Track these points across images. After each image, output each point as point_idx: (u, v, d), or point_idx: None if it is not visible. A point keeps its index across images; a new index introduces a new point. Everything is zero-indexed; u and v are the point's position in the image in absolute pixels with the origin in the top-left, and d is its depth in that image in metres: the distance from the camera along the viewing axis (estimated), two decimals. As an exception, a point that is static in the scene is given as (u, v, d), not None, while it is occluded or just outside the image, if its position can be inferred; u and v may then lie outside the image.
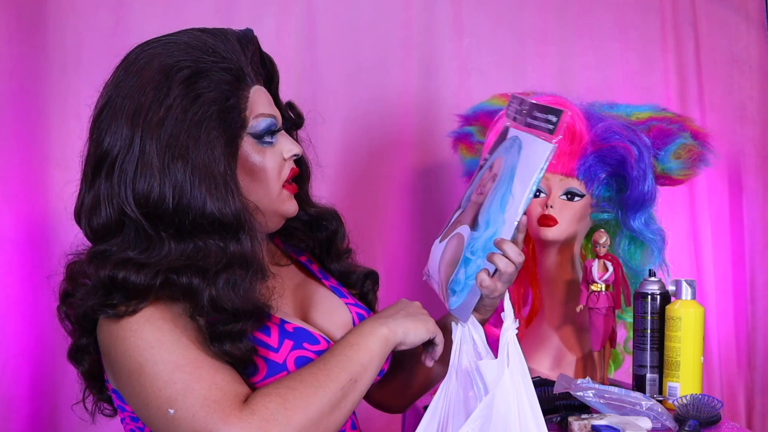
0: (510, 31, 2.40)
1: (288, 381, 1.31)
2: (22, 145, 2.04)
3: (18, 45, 2.04)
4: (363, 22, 2.31)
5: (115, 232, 1.34)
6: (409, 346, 1.41)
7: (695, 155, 1.97)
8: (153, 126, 1.32)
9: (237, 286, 1.32)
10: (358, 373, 1.35)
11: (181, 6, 2.16)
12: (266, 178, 1.41)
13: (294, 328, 1.40)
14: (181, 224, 1.32)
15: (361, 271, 1.61)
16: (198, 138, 1.33)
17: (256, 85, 1.43)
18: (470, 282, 1.41)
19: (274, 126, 1.42)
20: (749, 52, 2.52)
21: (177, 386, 1.27)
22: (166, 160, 1.31)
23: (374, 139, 2.31)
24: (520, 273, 2.08)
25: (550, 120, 1.39)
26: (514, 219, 1.38)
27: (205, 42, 1.39)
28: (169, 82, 1.34)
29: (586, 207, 1.96)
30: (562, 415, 1.68)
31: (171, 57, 1.36)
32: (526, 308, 2.17)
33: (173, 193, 1.31)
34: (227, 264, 1.32)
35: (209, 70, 1.36)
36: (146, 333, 1.29)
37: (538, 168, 1.37)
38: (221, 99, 1.36)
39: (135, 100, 1.33)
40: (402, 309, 1.44)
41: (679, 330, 1.76)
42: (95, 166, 1.35)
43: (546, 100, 1.92)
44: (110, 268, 1.30)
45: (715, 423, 1.71)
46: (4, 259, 2.00)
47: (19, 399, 2.02)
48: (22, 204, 2.04)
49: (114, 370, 1.35)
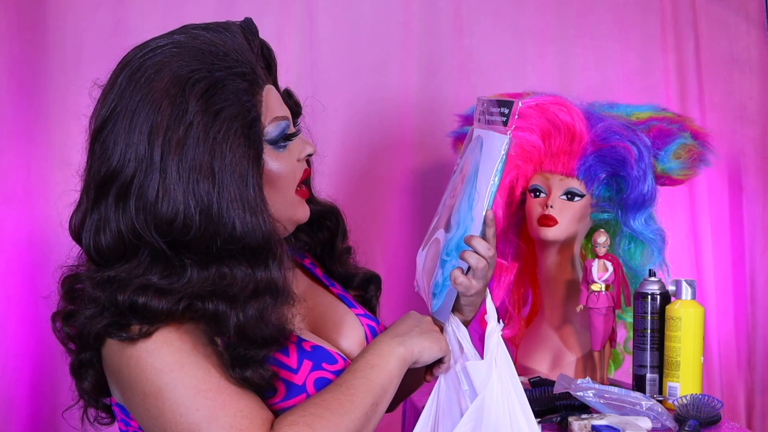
0: (510, 31, 2.40)
1: (312, 408, 1.27)
2: (22, 145, 2.04)
3: (18, 45, 2.03)
4: (363, 22, 2.30)
5: (128, 257, 1.26)
6: (422, 364, 1.37)
7: (695, 155, 1.97)
8: (173, 146, 1.23)
9: (266, 315, 1.25)
10: (380, 396, 1.31)
11: (181, 6, 2.16)
12: (283, 185, 1.34)
13: (312, 347, 1.35)
14: (207, 250, 1.24)
15: (362, 274, 1.57)
16: (224, 158, 1.24)
17: (266, 84, 1.35)
18: (447, 282, 1.41)
19: (287, 128, 1.35)
20: (749, 52, 2.52)
21: (200, 413, 1.22)
22: (191, 183, 1.23)
23: (374, 139, 2.31)
24: (520, 273, 2.10)
25: (503, 113, 1.38)
26: (481, 214, 1.38)
27: (214, 43, 1.31)
28: (185, 96, 1.24)
29: (586, 207, 1.96)
30: (562, 415, 1.68)
31: (183, 66, 1.27)
32: (526, 308, 2.17)
33: (200, 218, 1.23)
34: (255, 291, 1.25)
35: (225, 79, 1.27)
36: (164, 355, 1.23)
37: (496, 160, 1.37)
38: (243, 113, 1.27)
39: (149, 117, 1.24)
40: (416, 326, 1.39)
41: (679, 330, 1.76)
42: (101, 184, 1.26)
43: (544, 100, 1.93)
44: (130, 294, 1.23)
45: (715, 423, 1.71)
46: (4, 259, 2.00)
47: (19, 399, 2.01)
48: (23, 204, 2.04)
49: (124, 389, 1.28)
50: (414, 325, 1.39)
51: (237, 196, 1.24)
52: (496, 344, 1.37)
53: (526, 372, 2.01)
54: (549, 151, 1.94)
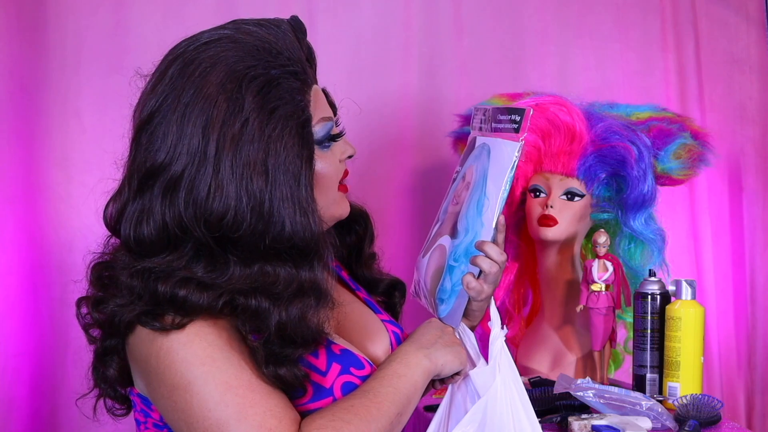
0: (510, 31, 2.40)
1: (341, 413, 1.26)
2: (22, 144, 2.04)
3: (18, 45, 2.04)
4: (363, 22, 2.31)
5: (171, 248, 1.24)
6: (443, 376, 1.38)
7: (695, 155, 1.97)
8: (228, 141, 1.22)
9: (307, 316, 1.25)
10: (404, 406, 1.31)
11: (181, 6, 2.16)
12: (327, 185, 1.34)
13: (341, 351, 1.35)
14: (255, 248, 1.24)
15: (387, 280, 1.57)
16: (278, 156, 1.23)
17: (314, 84, 1.34)
18: (457, 288, 1.42)
19: (331, 128, 1.35)
20: (749, 52, 2.52)
21: (230, 409, 1.21)
22: (244, 179, 1.22)
23: (374, 139, 2.31)
24: (520, 273, 2.10)
25: (514, 120, 1.39)
26: (492, 220, 1.38)
27: (267, 40, 1.30)
28: (242, 92, 1.23)
29: (586, 207, 1.96)
30: (562, 415, 1.68)
31: (239, 61, 1.26)
32: (526, 308, 2.17)
33: (251, 215, 1.22)
34: (299, 291, 1.25)
35: (280, 78, 1.27)
36: (196, 348, 1.22)
37: (508, 167, 1.38)
38: (297, 113, 1.27)
39: (204, 111, 1.23)
40: (440, 337, 1.39)
41: (679, 330, 1.76)
42: (146, 175, 1.24)
43: (544, 100, 1.93)
44: (172, 285, 1.22)
45: (715, 423, 1.71)
46: (4, 259, 2.00)
47: (19, 399, 2.01)
48: (23, 204, 2.04)
49: (151, 380, 1.26)
50: (438, 336, 1.39)
51: (289, 195, 1.24)
52: (500, 349, 1.38)
53: (526, 372, 2.01)
54: (549, 151, 1.94)
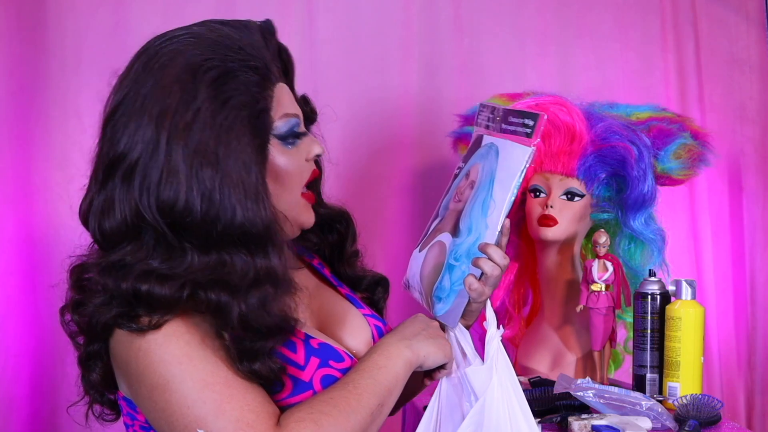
0: (510, 31, 2.40)
1: (320, 405, 1.28)
2: (22, 144, 2.04)
3: (18, 45, 2.03)
4: (363, 22, 2.30)
5: (131, 239, 1.27)
6: (427, 368, 1.39)
7: (695, 155, 1.97)
8: (180, 130, 1.25)
9: (268, 304, 1.26)
10: (385, 397, 1.32)
11: (181, 6, 2.16)
12: (290, 183, 1.36)
13: (319, 344, 1.36)
14: (208, 235, 1.25)
15: (371, 277, 1.58)
16: (228, 144, 1.25)
17: (279, 82, 1.37)
18: (456, 287, 1.42)
19: (297, 126, 1.36)
20: (749, 52, 2.52)
21: (207, 406, 1.22)
22: (194, 167, 1.24)
23: (374, 139, 2.31)
24: (520, 273, 2.10)
25: (527, 124, 1.39)
26: (497, 223, 1.39)
27: (230, 37, 1.33)
28: (196, 82, 1.27)
29: (586, 207, 1.96)
30: (562, 415, 1.68)
31: (197, 55, 1.29)
32: (526, 308, 2.17)
33: (201, 202, 1.24)
34: (256, 280, 1.26)
35: (237, 70, 1.30)
36: (173, 347, 1.24)
37: (518, 172, 1.38)
38: (251, 102, 1.29)
39: (160, 101, 1.26)
40: (423, 329, 1.40)
41: (679, 330, 1.76)
42: (109, 166, 1.28)
43: (544, 100, 1.93)
44: (132, 281, 1.23)
45: (715, 423, 1.71)
46: (4, 259, 2.00)
47: (19, 399, 2.01)
48: (23, 204, 2.04)
49: (132, 382, 1.29)
50: (421, 328, 1.40)
51: (239, 182, 1.26)
52: (497, 349, 1.38)
53: (526, 372, 2.01)
54: (549, 151, 1.94)
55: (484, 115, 1.50)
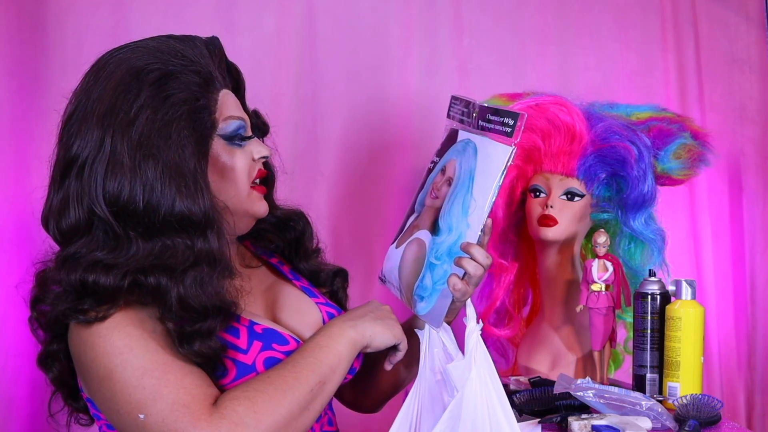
0: (510, 31, 2.40)
1: (256, 384, 1.33)
2: (22, 144, 2.04)
3: (18, 45, 2.03)
4: (363, 22, 2.30)
5: (84, 233, 1.35)
6: (374, 349, 1.44)
7: (695, 155, 1.97)
8: (124, 126, 1.34)
9: (204, 284, 1.33)
10: (327, 375, 1.37)
11: (181, 6, 2.16)
12: (236, 178, 1.43)
13: (263, 329, 1.41)
14: (151, 223, 1.33)
15: (330, 269, 1.64)
16: (168, 137, 1.35)
17: (224, 89, 1.45)
18: (439, 287, 1.42)
19: (243, 128, 1.45)
20: (749, 52, 2.52)
21: (146, 391, 1.28)
22: (136, 159, 1.33)
23: (374, 139, 2.31)
24: (520, 273, 2.10)
25: (507, 123, 1.39)
26: (480, 223, 1.39)
27: (174, 47, 1.41)
28: (139, 83, 1.36)
29: (586, 207, 1.96)
30: (562, 415, 1.67)
31: (140, 60, 1.38)
32: (526, 308, 2.17)
33: (143, 191, 1.32)
34: (194, 262, 1.33)
35: (179, 73, 1.38)
36: (115, 339, 1.31)
37: (499, 171, 1.38)
38: (191, 99, 1.38)
39: (105, 102, 1.35)
40: (371, 311, 1.46)
41: (679, 330, 1.76)
42: (64, 168, 1.37)
43: (544, 100, 1.93)
44: (81, 272, 1.31)
45: (715, 423, 1.71)
46: (4, 259, 2.00)
47: (19, 399, 2.01)
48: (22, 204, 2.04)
49: (85, 377, 1.36)
50: (369, 311, 1.46)
51: (178, 172, 1.34)
52: (476, 343, 1.40)
53: (526, 372, 2.01)
54: (549, 151, 1.94)
55: (457, 108, 1.49)
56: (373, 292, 2.18)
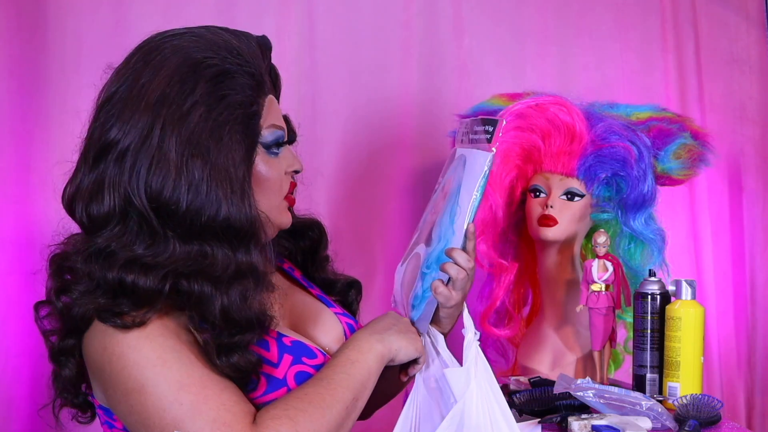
0: (510, 31, 2.40)
1: (295, 402, 1.29)
2: (22, 145, 2.04)
3: (18, 45, 2.03)
4: (363, 22, 2.30)
5: (116, 224, 1.28)
6: (399, 362, 1.41)
7: (695, 155, 1.97)
8: (175, 119, 1.27)
9: (248, 297, 1.28)
10: (359, 391, 1.34)
11: (181, 6, 2.16)
12: (270, 189, 1.38)
13: (292, 342, 1.38)
14: (191, 225, 1.27)
15: (344, 280, 1.61)
16: (220, 139, 1.28)
17: (270, 94, 1.40)
18: (427, 294, 1.43)
19: (282, 138, 1.40)
20: (749, 52, 2.52)
21: (183, 408, 1.23)
22: (185, 157, 1.27)
23: (374, 139, 2.31)
24: (520, 273, 2.10)
25: (488, 130, 1.42)
26: (462, 228, 1.41)
27: (230, 43, 1.35)
28: (196, 76, 1.29)
29: (586, 207, 1.96)
30: (562, 415, 1.68)
31: (198, 52, 1.31)
32: (526, 308, 2.17)
33: (188, 192, 1.26)
34: (237, 273, 1.28)
35: (235, 72, 1.32)
36: (146, 350, 1.24)
37: (479, 176, 1.40)
38: (246, 104, 1.33)
39: (157, 90, 1.28)
40: (394, 324, 1.42)
41: (679, 330, 1.76)
42: (100, 150, 1.29)
43: (544, 100, 1.93)
44: (118, 270, 1.25)
45: (715, 423, 1.71)
46: (4, 259, 2.00)
47: (19, 399, 2.01)
48: (22, 204, 2.04)
49: (107, 387, 1.29)
50: (392, 323, 1.42)
51: (226, 177, 1.28)
52: (475, 354, 1.40)
53: (526, 372, 2.01)
54: (549, 151, 1.94)
55: (461, 131, 1.54)
56: (373, 293, 2.18)
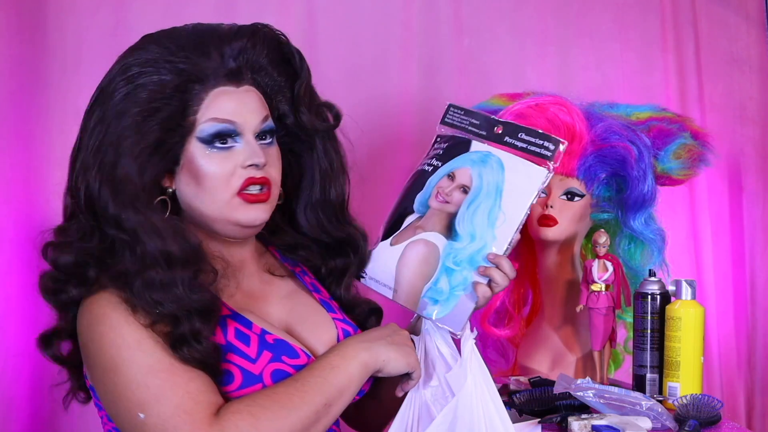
0: (510, 31, 2.40)
1: (261, 399, 1.29)
2: (22, 145, 2.04)
3: (18, 45, 2.03)
4: (363, 22, 2.30)
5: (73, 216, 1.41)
6: (386, 374, 1.39)
7: (695, 155, 1.97)
8: (89, 129, 1.39)
9: (157, 287, 1.30)
10: (334, 397, 1.33)
11: (181, 6, 2.16)
12: (213, 186, 1.37)
13: (274, 340, 1.38)
14: (98, 220, 1.35)
15: (365, 306, 1.58)
16: (119, 145, 1.34)
17: (226, 86, 1.40)
18: (458, 292, 1.43)
19: (226, 131, 1.38)
20: (749, 52, 2.52)
21: (150, 391, 1.27)
22: (89, 159, 1.36)
23: (374, 139, 2.30)
24: (520, 273, 2.10)
25: (547, 147, 1.44)
26: (508, 237, 1.43)
27: (180, 39, 1.42)
28: (104, 97, 1.39)
29: (586, 207, 1.96)
30: (562, 415, 1.67)
31: (134, 55, 1.39)
32: (526, 308, 2.17)
33: (85, 192, 1.35)
34: (142, 266, 1.31)
35: (152, 74, 1.37)
36: (125, 332, 1.29)
37: (533, 191, 1.43)
38: (144, 101, 1.36)
39: (93, 97, 1.41)
40: (389, 335, 1.41)
41: (679, 330, 1.76)
42: None
43: (544, 100, 1.93)
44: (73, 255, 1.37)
45: (715, 423, 1.71)
46: (4, 259, 2.00)
47: (19, 399, 2.01)
48: (22, 204, 2.04)
49: (90, 364, 1.35)
50: (387, 334, 1.41)
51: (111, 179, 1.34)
52: (471, 351, 1.40)
53: (526, 372, 2.01)
54: (549, 151, 1.94)
55: (457, 117, 1.52)
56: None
